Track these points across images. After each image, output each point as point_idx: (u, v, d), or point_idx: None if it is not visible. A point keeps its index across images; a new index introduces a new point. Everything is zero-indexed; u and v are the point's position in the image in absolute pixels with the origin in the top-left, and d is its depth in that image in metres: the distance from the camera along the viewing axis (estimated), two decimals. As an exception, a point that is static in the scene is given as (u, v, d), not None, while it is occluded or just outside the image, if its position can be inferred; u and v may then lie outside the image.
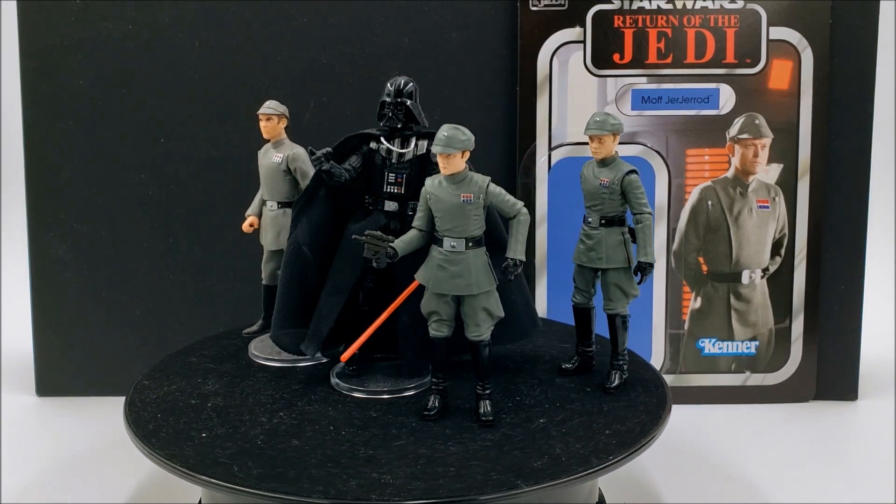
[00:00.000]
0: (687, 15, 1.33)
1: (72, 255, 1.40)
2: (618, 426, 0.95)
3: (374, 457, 0.89)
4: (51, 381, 1.43)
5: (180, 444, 0.93)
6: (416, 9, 1.36)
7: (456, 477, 0.85)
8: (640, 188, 1.03)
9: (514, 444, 0.92)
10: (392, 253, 0.95)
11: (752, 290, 1.38)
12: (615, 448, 0.91)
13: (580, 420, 0.97)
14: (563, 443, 0.92)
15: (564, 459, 0.88)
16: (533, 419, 0.97)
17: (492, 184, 0.95)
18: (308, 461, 0.89)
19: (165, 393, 1.05)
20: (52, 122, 1.38)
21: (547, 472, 0.86)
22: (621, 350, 1.06)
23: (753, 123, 1.35)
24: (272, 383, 1.08)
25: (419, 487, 0.84)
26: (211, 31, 1.36)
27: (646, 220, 1.03)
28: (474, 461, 0.88)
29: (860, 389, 1.42)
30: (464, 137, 0.93)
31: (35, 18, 1.35)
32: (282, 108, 1.15)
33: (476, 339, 0.96)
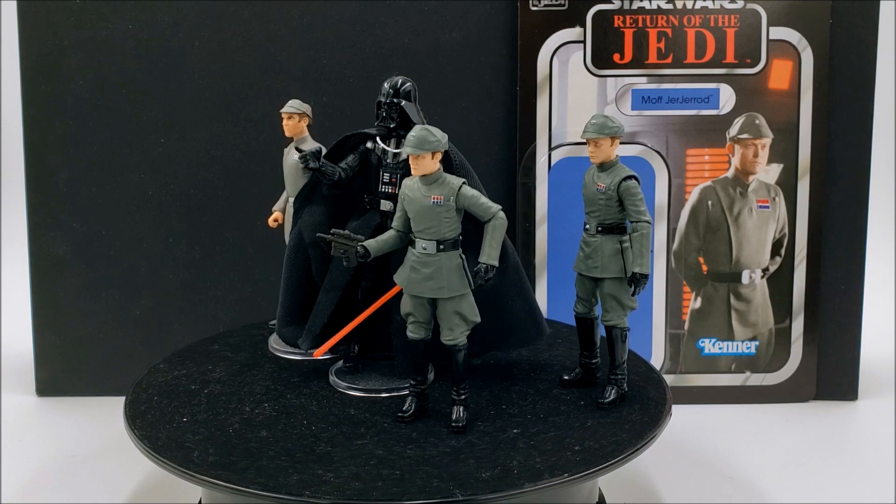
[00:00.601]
0: (687, 15, 1.33)
1: (72, 254, 1.40)
2: (590, 443, 0.92)
3: (329, 454, 0.90)
4: (51, 381, 1.43)
5: (159, 425, 0.97)
6: (416, 9, 1.36)
7: (397, 481, 0.85)
8: (637, 195, 0.99)
9: (474, 452, 0.90)
10: (363, 252, 0.95)
11: (752, 290, 1.38)
12: (583, 461, 0.88)
13: (554, 434, 0.94)
14: (524, 455, 0.89)
15: (516, 473, 0.86)
16: (507, 429, 0.95)
17: (466, 186, 0.93)
18: (265, 453, 0.91)
19: (173, 377, 1.08)
20: (52, 122, 1.38)
21: (491, 484, 0.84)
22: (619, 364, 1.02)
23: (753, 123, 1.35)
24: (274, 375, 1.10)
25: (354, 488, 0.84)
26: (211, 31, 1.36)
27: (642, 229, 0.98)
28: (425, 467, 0.87)
29: (860, 389, 1.42)
30: (433, 139, 0.92)
31: (35, 18, 1.35)
32: (304, 106, 1.16)
33: (449, 343, 0.95)
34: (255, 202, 1.39)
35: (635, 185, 0.99)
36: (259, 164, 1.38)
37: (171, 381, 1.08)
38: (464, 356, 0.96)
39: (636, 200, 0.99)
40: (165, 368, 1.12)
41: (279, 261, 1.30)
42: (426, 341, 0.97)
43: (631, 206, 0.99)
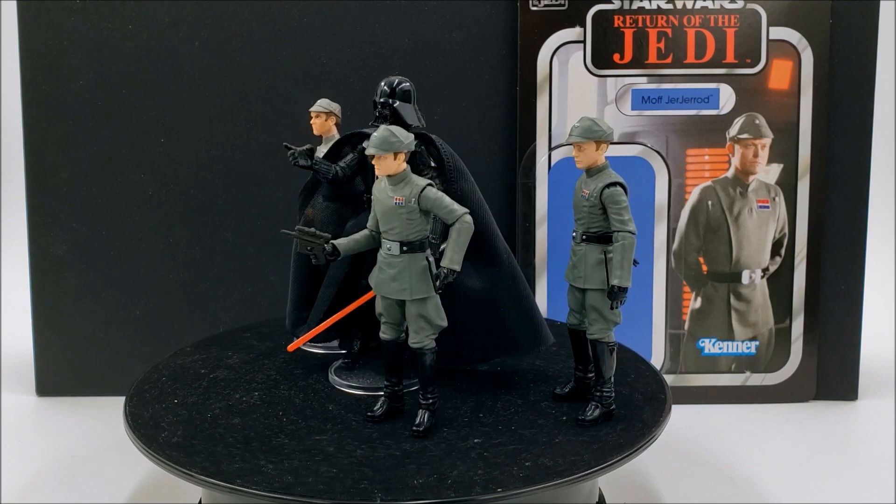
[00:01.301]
0: (687, 15, 1.33)
1: (72, 254, 1.40)
2: (545, 460, 0.88)
3: (283, 446, 0.92)
4: (51, 381, 1.43)
5: (147, 403, 1.01)
6: (416, 9, 1.36)
7: (329, 479, 0.85)
8: (620, 203, 0.94)
9: (420, 458, 0.89)
10: (331, 250, 0.95)
11: (752, 290, 1.38)
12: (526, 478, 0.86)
13: (514, 447, 0.91)
14: (467, 466, 0.87)
15: (449, 483, 0.84)
16: (469, 438, 0.93)
17: (429, 188, 0.92)
18: (225, 439, 0.93)
19: (191, 360, 1.11)
20: (52, 122, 1.38)
21: (416, 491, 0.83)
22: (606, 380, 0.98)
23: (753, 123, 1.35)
24: (282, 366, 1.12)
25: (284, 482, 0.84)
26: (211, 31, 1.36)
27: (623, 240, 0.94)
28: (364, 468, 0.87)
29: (860, 389, 1.42)
30: (394, 139, 0.91)
31: (35, 18, 1.35)
32: (333, 105, 1.16)
33: (415, 346, 0.95)
34: (256, 202, 1.39)
35: (619, 192, 0.94)
36: (259, 164, 1.38)
37: (186, 364, 1.12)
38: (431, 360, 0.95)
39: (619, 209, 0.94)
40: (190, 352, 1.17)
41: (279, 261, 1.30)
42: (398, 342, 0.97)
43: (614, 214, 0.94)
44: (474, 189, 1.04)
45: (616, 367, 1.12)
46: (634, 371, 1.10)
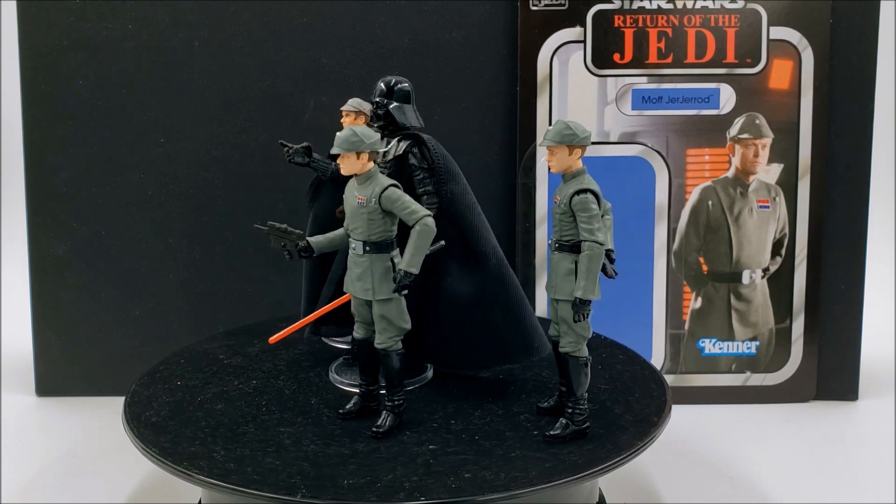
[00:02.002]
0: (687, 15, 1.33)
1: (72, 254, 1.40)
2: (486, 474, 0.86)
3: (245, 435, 0.94)
4: (51, 381, 1.43)
5: (150, 385, 1.05)
6: (416, 9, 1.36)
7: (265, 471, 0.87)
8: (588, 210, 0.90)
9: (366, 459, 0.89)
10: (304, 246, 0.96)
11: (752, 291, 1.38)
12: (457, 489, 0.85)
13: (464, 457, 0.89)
14: (406, 472, 0.87)
15: (378, 486, 0.84)
16: (426, 443, 0.92)
17: (391, 189, 0.92)
18: (198, 423, 0.97)
19: (216, 346, 1.15)
20: (52, 122, 1.38)
21: (341, 492, 0.83)
22: (577, 397, 0.93)
23: (754, 123, 1.35)
24: (294, 356, 1.14)
25: (224, 469, 0.87)
26: (211, 31, 1.36)
27: (590, 250, 0.90)
28: (305, 463, 0.88)
29: (860, 390, 1.42)
30: (355, 139, 0.92)
31: (35, 18, 1.35)
32: (363, 105, 1.15)
33: (379, 347, 0.95)
34: (255, 202, 1.39)
35: (588, 199, 0.90)
36: (259, 164, 1.38)
37: (209, 350, 1.15)
38: (395, 362, 0.95)
39: (587, 217, 0.90)
40: (221, 336, 1.22)
41: (279, 261, 1.30)
42: (369, 341, 0.97)
43: (582, 222, 0.90)
44: (465, 191, 1.02)
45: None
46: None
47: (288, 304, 1.39)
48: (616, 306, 1.38)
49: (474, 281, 1.01)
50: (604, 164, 1.35)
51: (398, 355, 0.95)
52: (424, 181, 1.01)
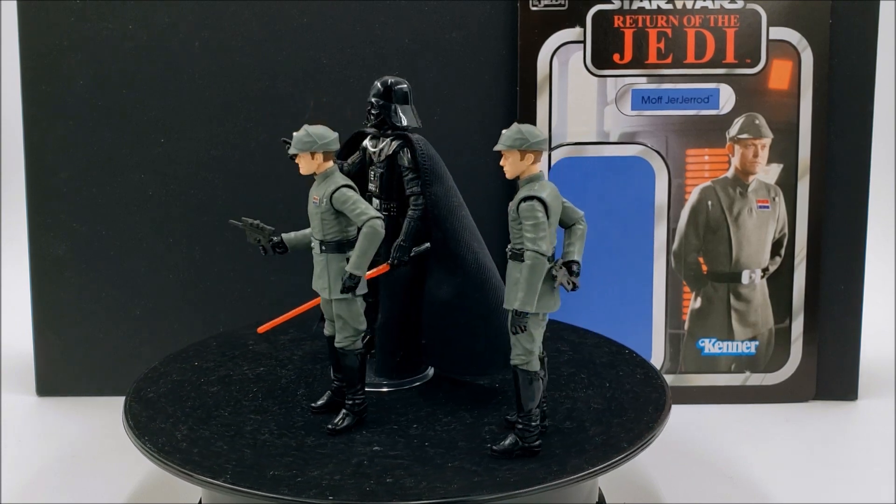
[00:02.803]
0: (687, 15, 1.33)
1: (72, 254, 1.40)
2: (408, 481, 0.85)
3: (215, 418, 0.98)
4: (51, 381, 1.43)
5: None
6: (416, 9, 1.36)
7: (206, 454, 0.90)
8: (532, 219, 0.86)
9: (306, 454, 0.91)
10: (277, 242, 0.97)
11: (751, 290, 1.38)
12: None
13: (400, 462, 0.89)
14: (333, 470, 0.87)
15: (298, 481, 0.85)
16: (373, 444, 0.93)
17: (341, 189, 0.92)
18: (186, 404, 1.02)
19: (248, 333, 1.17)
20: (52, 122, 1.38)
21: (261, 482, 0.85)
22: (524, 412, 0.90)
23: (753, 123, 1.35)
24: (314, 349, 1.16)
25: (172, 447, 0.91)
26: (211, 31, 1.36)
27: (530, 259, 0.86)
28: (247, 450, 0.91)
29: (860, 389, 1.42)
30: (308, 139, 0.92)
31: (35, 18, 1.35)
32: None
33: (337, 345, 0.96)
34: (256, 202, 1.39)
35: (533, 206, 0.86)
36: (259, 164, 1.38)
37: (244, 334, 1.20)
38: (352, 362, 0.96)
39: (530, 225, 0.86)
40: (243, 325, 1.25)
41: (279, 261, 1.30)
42: (333, 338, 0.98)
43: (526, 230, 0.87)
44: (448, 194, 1.02)
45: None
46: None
47: (288, 304, 1.38)
48: (616, 306, 1.38)
49: (453, 285, 1.01)
50: (604, 164, 1.35)
51: (356, 355, 0.96)
52: (412, 182, 1.01)
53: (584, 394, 1.03)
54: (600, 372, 1.09)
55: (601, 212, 1.36)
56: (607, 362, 1.12)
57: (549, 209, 0.87)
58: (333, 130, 0.95)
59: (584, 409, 1.00)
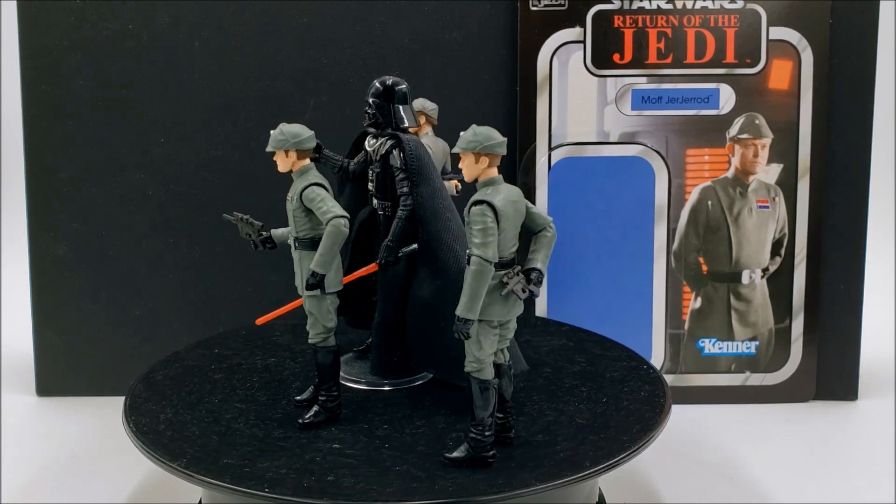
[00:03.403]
0: (687, 15, 1.33)
1: (72, 254, 1.40)
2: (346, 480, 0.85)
3: (206, 404, 1.01)
4: (51, 381, 1.43)
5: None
6: (416, 9, 1.36)
7: (178, 436, 0.94)
8: (477, 223, 0.83)
9: (264, 444, 0.93)
10: (266, 237, 0.99)
11: (752, 290, 1.38)
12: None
13: (343, 461, 0.89)
14: (279, 462, 0.89)
15: (246, 471, 0.87)
16: (331, 442, 0.93)
17: (310, 188, 0.93)
18: (183, 388, 1.05)
19: (282, 322, 1.15)
20: (51, 122, 1.38)
21: (210, 469, 0.87)
22: (476, 421, 0.87)
23: (753, 123, 1.35)
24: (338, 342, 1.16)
25: (152, 429, 0.95)
26: (211, 31, 1.36)
27: (474, 265, 0.83)
28: (214, 437, 0.94)
29: (860, 389, 1.42)
30: (281, 137, 0.94)
31: (35, 18, 1.35)
32: (426, 105, 1.16)
33: (309, 341, 0.97)
34: (256, 202, 1.39)
35: (479, 211, 0.83)
36: (259, 164, 1.38)
37: (273, 325, 1.17)
38: (322, 358, 0.97)
39: (475, 230, 0.83)
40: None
41: (279, 261, 1.30)
42: None
43: (472, 235, 0.84)
44: (435, 196, 1.01)
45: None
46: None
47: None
48: (616, 306, 1.38)
49: (434, 286, 1.01)
50: (604, 165, 1.35)
51: (327, 352, 0.97)
52: (401, 183, 1.01)
53: (575, 408, 1.01)
54: (605, 387, 1.06)
55: (601, 212, 1.36)
56: (618, 377, 1.09)
57: (499, 214, 0.84)
58: (333, 131, 0.95)
59: (565, 424, 0.97)
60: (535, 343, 1.18)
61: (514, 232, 0.86)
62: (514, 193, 0.86)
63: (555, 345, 1.18)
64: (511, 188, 0.87)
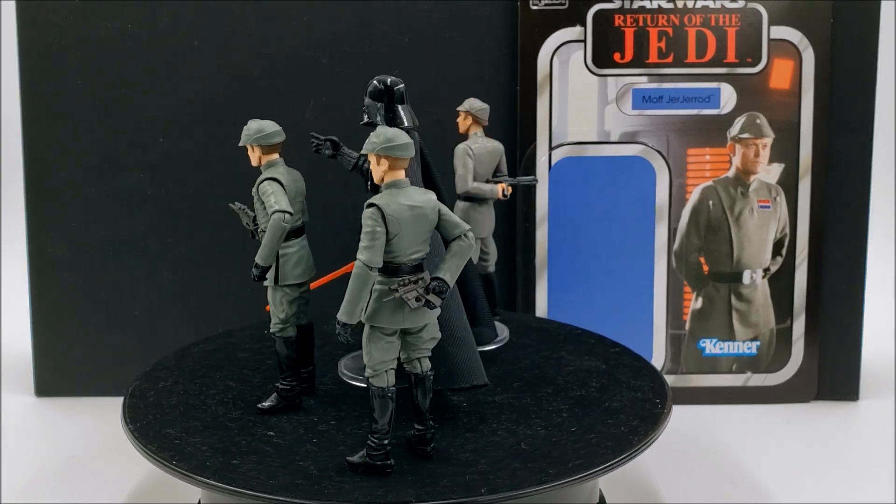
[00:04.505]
0: (688, 14, 1.33)
1: (71, 254, 1.40)
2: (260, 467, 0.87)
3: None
4: (50, 382, 1.43)
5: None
6: (416, 9, 1.36)
7: (161, 413, 0.98)
8: (365, 227, 0.82)
9: (213, 420, 0.97)
10: (264, 229, 0.98)
11: (753, 291, 1.38)
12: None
13: (255, 446, 0.91)
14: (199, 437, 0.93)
15: (188, 450, 0.90)
16: (269, 429, 0.95)
17: (265, 182, 0.96)
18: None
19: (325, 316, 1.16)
20: (51, 122, 1.37)
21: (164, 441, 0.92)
22: (372, 429, 0.86)
23: (754, 123, 1.35)
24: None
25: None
26: (211, 31, 1.36)
27: (355, 268, 0.82)
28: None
29: (861, 390, 1.42)
30: (246, 132, 0.98)
31: (34, 18, 1.35)
32: (473, 105, 1.17)
33: (270, 330, 1.00)
34: (255, 202, 1.39)
35: (367, 215, 0.82)
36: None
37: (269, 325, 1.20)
38: (279, 347, 0.99)
39: (363, 233, 0.82)
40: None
41: (279, 261, 1.29)
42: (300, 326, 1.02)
43: (360, 238, 0.83)
44: None
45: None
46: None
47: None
48: (616, 306, 1.38)
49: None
50: (604, 164, 1.35)
51: (284, 342, 0.99)
52: None
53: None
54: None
55: (602, 212, 1.36)
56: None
57: (387, 219, 0.82)
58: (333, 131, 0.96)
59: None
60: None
61: (416, 238, 0.84)
62: (418, 198, 0.84)
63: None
64: (418, 192, 0.84)
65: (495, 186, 1.15)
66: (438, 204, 0.85)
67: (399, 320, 0.84)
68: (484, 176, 1.16)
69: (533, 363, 1.12)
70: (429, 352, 0.88)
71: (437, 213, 0.84)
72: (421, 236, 0.84)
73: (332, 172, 1.35)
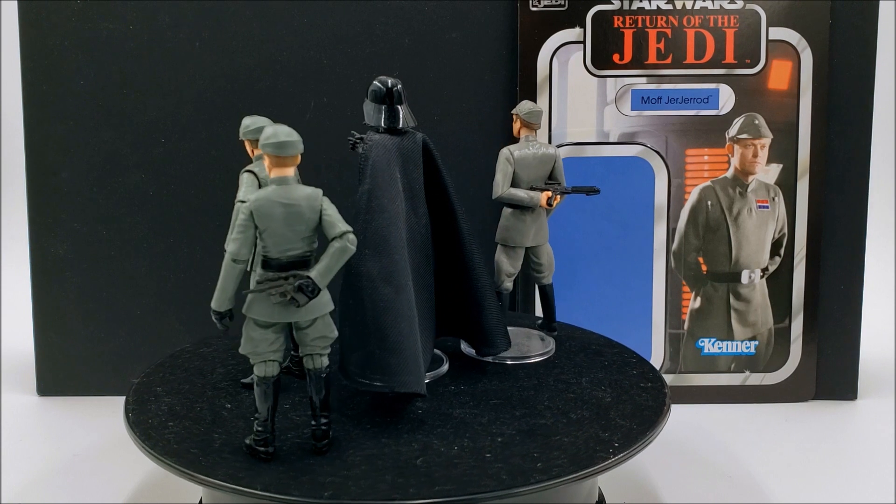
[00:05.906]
0: (686, 15, 1.33)
1: (72, 254, 1.40)
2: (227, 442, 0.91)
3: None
4: (51, 381, 1.43)
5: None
6: (416, 9, 1.36)
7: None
8: (233, 219, 0.85)
9: (209, 405, 1.01)
10: None
11: (751, 290, 1.38)
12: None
13: (231, 426, 0.95)
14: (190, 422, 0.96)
15: (167, 435, 0.94)
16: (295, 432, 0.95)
17: (244, 174, 1.00)
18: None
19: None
20: (52, 122, 1.38)
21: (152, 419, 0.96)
22: (255, 415, 0.89)
23: (753, 123, 1.36)
24: None
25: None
26: (211, 31, 1.36)
27: (224, 260, 0.85)
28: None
29: (859, 389, 1.42)
30: (241, 128, 1.03)
31: (35, 18, 1.35)
32: (521, 108, 1.13)
33: None
34: (256, 202, 1.39)
35: (237, 208, 0.84)
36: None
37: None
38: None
39: (232, 225, 0.84)
40: None
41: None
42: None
43: None
44: (372, 196, 0.98)
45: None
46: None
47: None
48: (616, 306, 1.38)
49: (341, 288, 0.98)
50: (603, 165, 1.36)
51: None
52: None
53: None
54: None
55: (601, 212, 1.36)
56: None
57: (255, 215, 0.83)
58: (333, 131, 0.96)
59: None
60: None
61: (291, 235, 0.84)
62: (296, 196, 0.84)
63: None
64: (301, 190, 0.85)
65: (537, 194, 1.10)
66: (323, 203, 0.85)
67: (272, 313, 0.87)
68: (529, 182, 1.11)
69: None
70: (321, 350, 0.89)
71: (317, 212, 0.85)
72: (297, 234, 0.85)
73: (332, 172, 1.36)
